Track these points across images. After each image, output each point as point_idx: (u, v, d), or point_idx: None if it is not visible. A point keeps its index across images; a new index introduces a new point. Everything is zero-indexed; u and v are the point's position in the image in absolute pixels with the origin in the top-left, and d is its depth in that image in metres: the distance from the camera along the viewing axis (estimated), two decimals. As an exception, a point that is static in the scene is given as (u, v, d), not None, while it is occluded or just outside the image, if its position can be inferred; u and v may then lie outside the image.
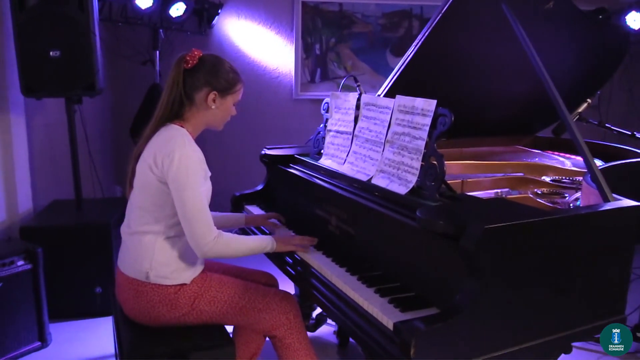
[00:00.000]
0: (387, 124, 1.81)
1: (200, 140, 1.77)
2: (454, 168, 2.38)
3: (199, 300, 1.68)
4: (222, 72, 1.73)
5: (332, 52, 4.41)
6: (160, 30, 3.85)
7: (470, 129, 2.69)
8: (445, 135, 2.29)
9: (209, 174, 1.74)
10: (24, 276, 2.46)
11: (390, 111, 1.81)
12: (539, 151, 2.75)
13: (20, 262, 2.45)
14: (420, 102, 1.67)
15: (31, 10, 2.62)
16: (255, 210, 2.40)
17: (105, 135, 4.28)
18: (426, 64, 2.36)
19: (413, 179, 1.63)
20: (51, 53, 2.67)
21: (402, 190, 1.64)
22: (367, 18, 4.33)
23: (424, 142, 1.62)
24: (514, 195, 1.89)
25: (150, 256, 1.65)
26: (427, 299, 1.42)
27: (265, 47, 4.39)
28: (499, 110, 2.73)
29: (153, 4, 3.64)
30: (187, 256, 1.68)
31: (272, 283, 2.04)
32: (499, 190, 2.02)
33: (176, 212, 1.61)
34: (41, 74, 2.69)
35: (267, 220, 2.15)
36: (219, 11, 4.18)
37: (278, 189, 2.45)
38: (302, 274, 1.77)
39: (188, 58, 1.69)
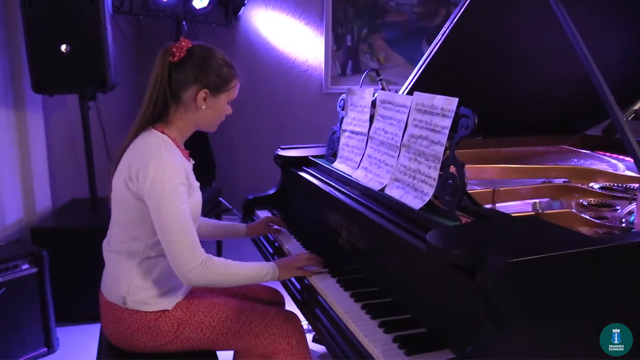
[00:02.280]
0: (404, 125, 1.58)
1: (225, 138, 1.56)
2: (489, 172, 2.11)
3: (183, 327, 1.49)
4: (214, 66, 1.51)
5: (364, 43, 4.15)
6: (184, 23, 3.70)
7: (510, 126, 2.41)
8: (478, 135, 2.05)
9: (197, 184, 1.55)
10: (29, 280, 2.37)
11: (408, 110, 1.57)
12: (589, 152, 2.44)
13: (25, 266, 2.36)
14: (440, 101, 1.43)
15: (40, 4, 2.51)
16: (265, 214, 2.21)
17: (126, 132, 4.19)
18: (456, 55, 2.10)
19: (430, 191, 1.39)
20: (61, 48, 2.56)
21: (417, 204, 1.40)
22: (401, 6, 4.04)
23: (443, 148, 1.38)
24: (553, 210, 1.61)
25: (127, 279, 1.48)
26: (439, 338, 1.18)
27: (294, 38, 4.19)
28: (542, 105, 2.43)
29: (175, -5, 3.50)
30: (169, 279, 1.49)
31: (277, 300, 1.84)
32: (537, 201, 1.74)
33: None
34: (51, 70, 2.59)
35: (269, 228, 1.95)
36: (246, 2, 4.00)
37: (291, 194, 2.25)
38: (308, 302, 1.55)
39: (174, 50, 1.47)
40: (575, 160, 2.30)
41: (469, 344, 1.01)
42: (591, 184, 1.89)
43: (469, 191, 1.75)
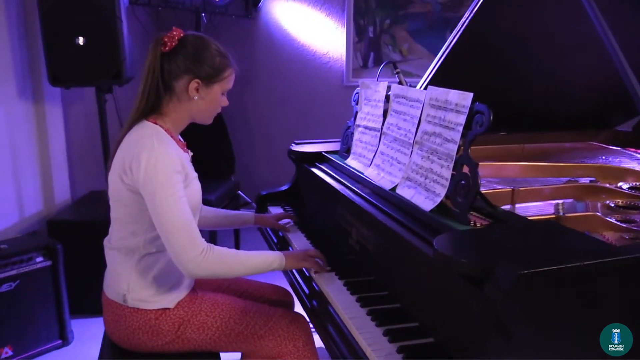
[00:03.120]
0: (417, 121, 1.50)
1: (245, 131, 1.51)
2: (511, 170, 2.01)
3: (185, 327, 1.45)
4: (207, 55, 1.45)
5: (386, 34, 4.05)
6: (203, 15, 3.67)
7: (536, 121, 2.30)
8: (501, 130, 1.94)
9: (194, 175, 1.50)
10: (43, 273, 2.37)
11: (421, 105, 1.49)
12: (619, 148, 2.31)
13: (40, 259, 2.36)
14: (454, 95, 1.35)
15: (55, -4, 2.50)
16: (277, 211, 2.16)
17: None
18: (477, 47, 2.01)
19: (441, 192, 1.31)
20: (76, 41, 2.54)
21: (428, 205, 1.33)
22: (425, -4, 3.93)
23: (457, 146, 1.30)
24: (576, 213, 1.51)
25: (127, 276, 1.44)
26: (447, 350, 1.11)
27: (315, 30, 4.12)
28: (570, 99, 2.32)
29: (194, -14, 3.47)
30: (170, 276, 1.45)
31: (286, 300, 1.79)
32: (559, 202, 1.64)
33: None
34: (67, 62, 2.58)
35: (277, 223, 1.90)
36: (266, -7, 3.95)
37: (303, 191, 2.19)
38: (313, 305, 1.49)
39: (166, 39, 1.42)
40: (604, 157, 2.17)
41: (475, 356, 0.94)
42: (620, 184, 1.77)
43: (488, 190, 1.68)
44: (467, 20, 1.93)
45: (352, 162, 1.86)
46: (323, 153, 2.08)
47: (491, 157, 2.17)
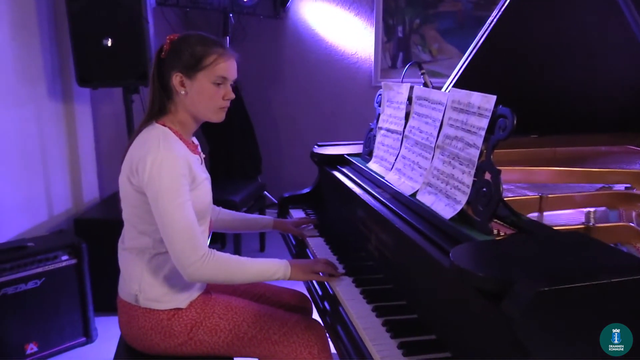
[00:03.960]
0: (439, 124, 1.45)
1: (272, 132, 1.47)
2: (541, 175, 1.93)
3: (197, 329, 1.44)
4: (185, 46, 1.41)
5: (416, 34, 3.97)
6: (231, 15, 3.67)
7: (569, 123, 2.20)
8: (532, 133, 1.86)
9: (203, 176, 1.48)
10: (68, 271, 2.41)
11: (444, 108, 1.44)
12: (659, 154, 2.19)
13: (65, 257, 2.40)
14: (477, 98, 1.29)
15: (83, -3, 2.53)
16: (298, 214, 2.13)
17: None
18: (507, 47, 1.93)
19: (462, 200, 1.25)
20: (104, 42, 2.57)
21: (448, 213, 1.27)
22: (456, -5, 3.84)
23: (479, 151, 1.24)
24: (608, 223, 1.43)
25: (138, 276, 1.44)
26: (464, 366, 1.06)
27: (343, 30, 4.07)
28: (606, 101, 2.21)
29: (222, -13, 3.47)
30: (181, 275, 1.43)
31: (303, 306, 1.76)
32: (591, 210, 1.55)
33: None
34: (94, 63, 2.61)
35: (296, 229, 1.87)
36: (294, -7, 3.92)
37: (325, 194, 2.16)
38: (327, 311, 1.45)
39: (164, 46, 1.45)
40: (641, 163, 2.07)
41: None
42: (657, 192, 1.68)
43: (516, 197, 1.61)
44: (496, 19, 1.86)
45: (373, 165, 1.81)
46: (345, 156, 2.04)
47: (521, 161, 2.09)
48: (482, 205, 1.18)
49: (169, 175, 1.34)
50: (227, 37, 3.71)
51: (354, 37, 4.07)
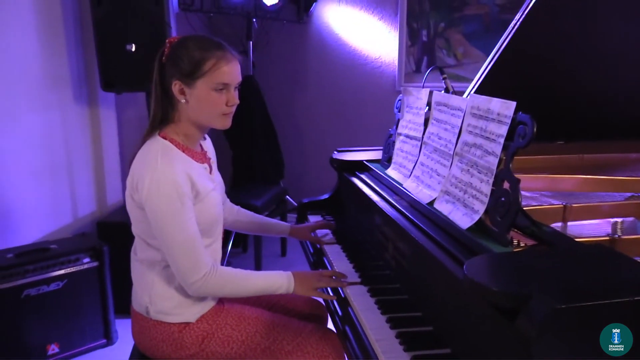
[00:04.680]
0: (458, 131, 1.41)
1: (295, 136, 1.41)
2: (567, 183, 1.87)
3: (209, 340, 1.42)
4: (182, 53, 1.35)
5: (440, 38, 3.92)
6: (254, 20, 3.68)
7: (598, 128, 2.12)
8: (558, 139, 1.79)
9: (209, 187, 1.43)
10: (90, 273, 2.44)
11: (463, 114, 1.40)
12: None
13: (87, 260, 2.43)
14: (496, 104, 1.25)
15: (108, 4, 2.57)
16: (316, 220, 2.10)
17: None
18: (531, 49, 1.87)
19: (480, 209, 1.21)
20: (127, 47, 2.60)
21: (466, 222, 1.23)
22: (482, -2, 3.77)
23: (497, 159, 1.20)
24: (637, 235, 1.36)
25: (149, 288, 1.43)
26: (478, 383, 1.02)
27: (367, 34, 4.04)
28: (636, 107, 2.13)
29: (245, -8, 3.49)
30: None
31: (319, 314, 1.73)
32: (618, 221, 1.48)
33: None
34: (118, 68, 2.64)
35: (312, 237, 1.85)
36: (318, -3, 3.92)
37: (344, 200, 2.13)
38: (340, 318, 1.43)
39: (164, 49, 1.40)
40: (674, 171, 1.98)
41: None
42: (691, 202, 1.60)
43: (539, 206, 1.55)
44: (519, 22, 1.81)
45: (392, 172, 1.78)
46: (364, 162, 2.02)
47: (546, 168, 2.02)
48: (500, 215, 1.14)
49: (166, 194, 1.30)
50: (250, 42, 3.72)
51: (377, 41, 4.04)
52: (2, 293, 2.15)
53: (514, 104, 1.18)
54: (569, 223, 1.50)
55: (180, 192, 1.32)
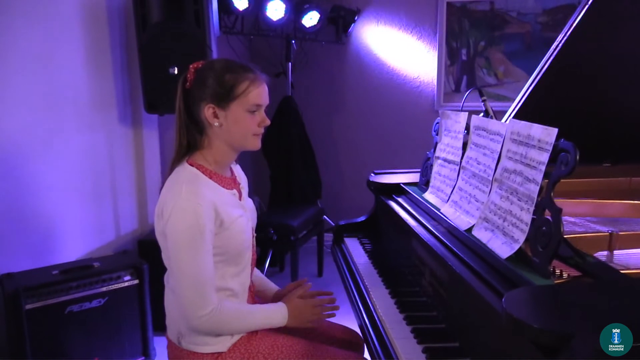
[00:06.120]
0: (497, 156, 1.38)
1: (333, 156, 1.37)
2: (613, 208, 1.79)
3: None
4: (212, 76, 1.35)
5: (480, 57, 3.88)
6: (293, 42, 3.73)
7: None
8: (605, 161, 1.73)
9: (235, 215, 1.40)
10: (130, 291, 2.48)
11: (502, 139, 1.37)
12: None
13: (127, 277, 2.48)
14: (537, 130, 1.21)
15: (152, 28, 2.65)
16: (353, 243, 2.09)
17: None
18: (574, 69, 1.83)
19: (520, 238, 1.18)
20: (170, 70, 2.68)
21: (505, 252, 1.20)
22: (523, 16, 3.71)
23: (538, 187, 1.16)
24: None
25: (180, 318, 1.43)
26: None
27: (405, 54, 4.04)
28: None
29: (285, 14, 3.55)
30: None
31: (355, 342, 1.69)
32: (669, 251, 1.42)
33: None
34: (161, 91, 2.72)
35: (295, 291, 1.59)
36: (356, 18, 3.94)
37: (381, 223, 2.11)
38: (376, 348, 1.40)
39: (188, 75, 1.40)
40: None
41: None
42: None
43: (583, 233, 1.49)
44: (563, 41, 1.76)
45: (429, 196, 1.76)
46: (401, 185, 2.00)
47: (592, 191, 1.95)
48: (541, 245, 1.10)
49: (186, 224, 1.30)
50: (289, 63, 3.77)
51: (416, 60, 4.03)
52: (47, 309, 2.22)
53: (555, 130, 1.15)
54: (616, 252, 1.44)
55: (201, 223, 1.30)
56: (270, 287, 1.69)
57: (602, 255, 1.42)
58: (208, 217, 1.32)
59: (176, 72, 2.71)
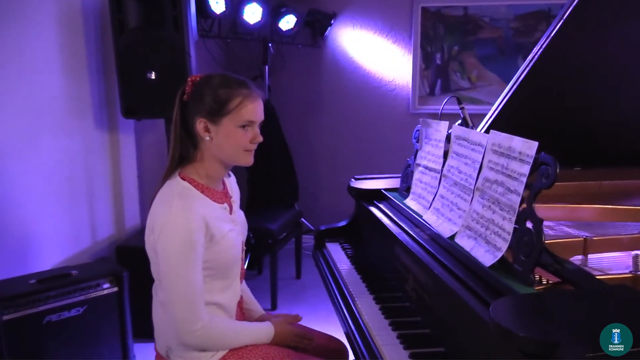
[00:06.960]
0: (478, 166, 1.42)
1: (309, 159, 1.39)
2: (585, 212, 1.87)
3: None
4: (208, 90, 1.36)
5: (454, 61, 3.95)
6: (270, 45, 3.74)
7: (618, 154, 2.12)
8: (575, 165, 1.79)
9: (226, 229, 1.41)
10: (109, 299, 2.45)
11: (483, 149, 1.41)
12: None
13: (106, 285, 2.45)
14: (518, 143, 1.26)
15: (130, 33, 2.63)
16: (334, 248, 2.12)
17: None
18: (551, 77, 1.89)
19: (503, 246, 1.22)
20: (148, 75, 2.66)
21: (488, 259, 1.24)
22: (496, 22, 3.80)
23: (520, 198, 1.21)
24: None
25: (167, 332, 1.43)
26: None
27: (381, 57, 4.09)
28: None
29: (262, 18, 3.55)
30: None
31: (340, 350, 1.72)
32: (639, 254, 1.49)
33: None
34: (139, 96, 2.70)
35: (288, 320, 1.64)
36: (332, 22, 3.97)
37: (362, 228, 2.14)
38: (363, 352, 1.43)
39: (186, 88, 1.41)
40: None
41: None
42: None
43: (558, 237, 1.55)
44: (540, 51, 1.82)
45: (411, 202, 1.80)
46: (382, 191, 2.03)
47: (563, 195, 2.02)
48: (524, 255, 1.15)
49: (178, 240, 1.30)
50: (266, 66, 3.78)
51: (391, 64, 4.09)
52: (25, 319, 2.17)
53: (536, 143, 1.19)
54: (590, 256, 1.50)
55: (192, 239, 1.31)
56: (256, 309, 1.69)
57: (576, 259, 1.48)
58: (199, 231, 1.33)
59: (153, 77, 2.69)
